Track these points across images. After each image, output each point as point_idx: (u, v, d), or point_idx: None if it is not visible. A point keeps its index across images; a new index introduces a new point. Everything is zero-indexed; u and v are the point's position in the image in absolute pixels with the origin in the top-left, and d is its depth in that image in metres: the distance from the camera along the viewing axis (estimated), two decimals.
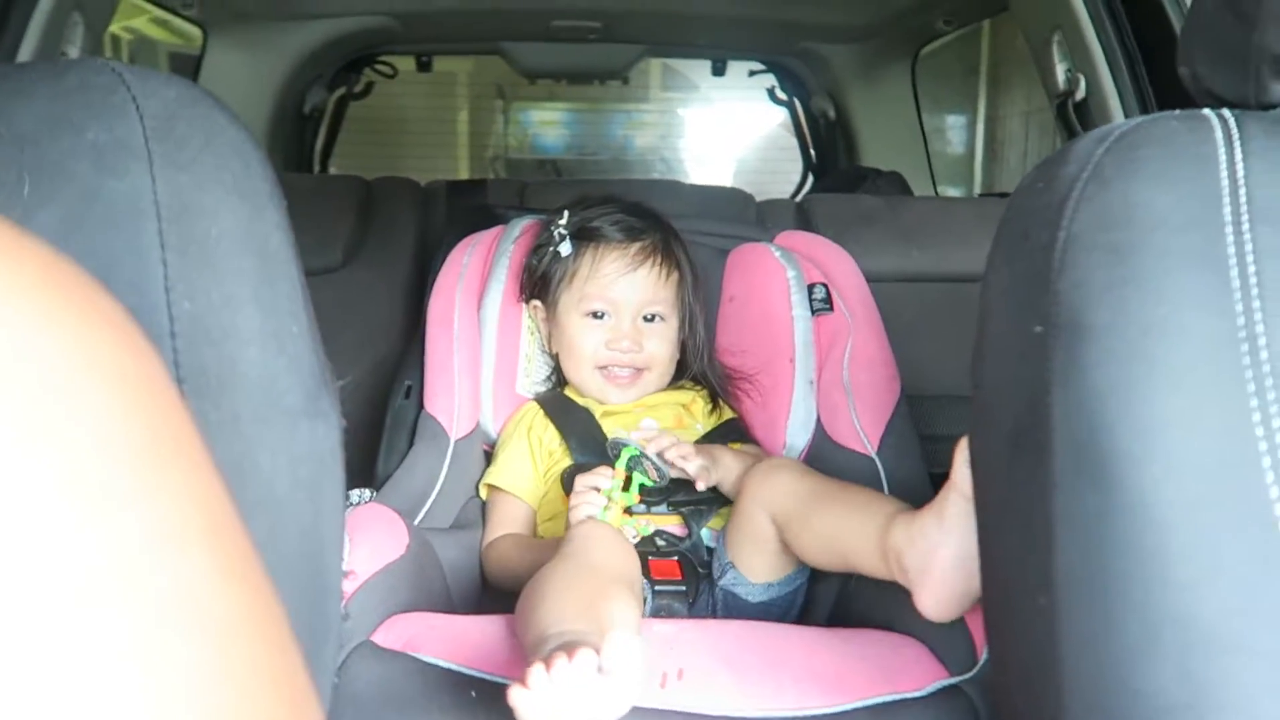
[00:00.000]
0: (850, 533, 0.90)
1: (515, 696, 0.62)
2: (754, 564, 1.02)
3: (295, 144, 2.70)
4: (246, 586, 0.27)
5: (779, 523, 0.98)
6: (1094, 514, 0.47)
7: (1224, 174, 0.51)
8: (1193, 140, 0.52)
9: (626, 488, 1.08)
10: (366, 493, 1.03)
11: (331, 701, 0.74)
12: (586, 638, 0.63)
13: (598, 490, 1.07)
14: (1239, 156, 0.51)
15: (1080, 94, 1.64)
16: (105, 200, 0.42)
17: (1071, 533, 0.48)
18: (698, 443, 1.22)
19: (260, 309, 0.45)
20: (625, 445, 1.09)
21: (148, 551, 0.23)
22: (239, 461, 0.42)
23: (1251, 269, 0.48)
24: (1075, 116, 1.59)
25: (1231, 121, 0.53)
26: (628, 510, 1.09)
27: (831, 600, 1.07)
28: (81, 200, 0.42)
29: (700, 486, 1.10)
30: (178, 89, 0.46)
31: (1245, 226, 0.49)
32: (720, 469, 1.12)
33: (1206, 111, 0.54)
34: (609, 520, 1.05)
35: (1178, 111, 0.55)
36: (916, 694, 0.82)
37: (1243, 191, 0.50)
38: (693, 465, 1.09)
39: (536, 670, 0.62)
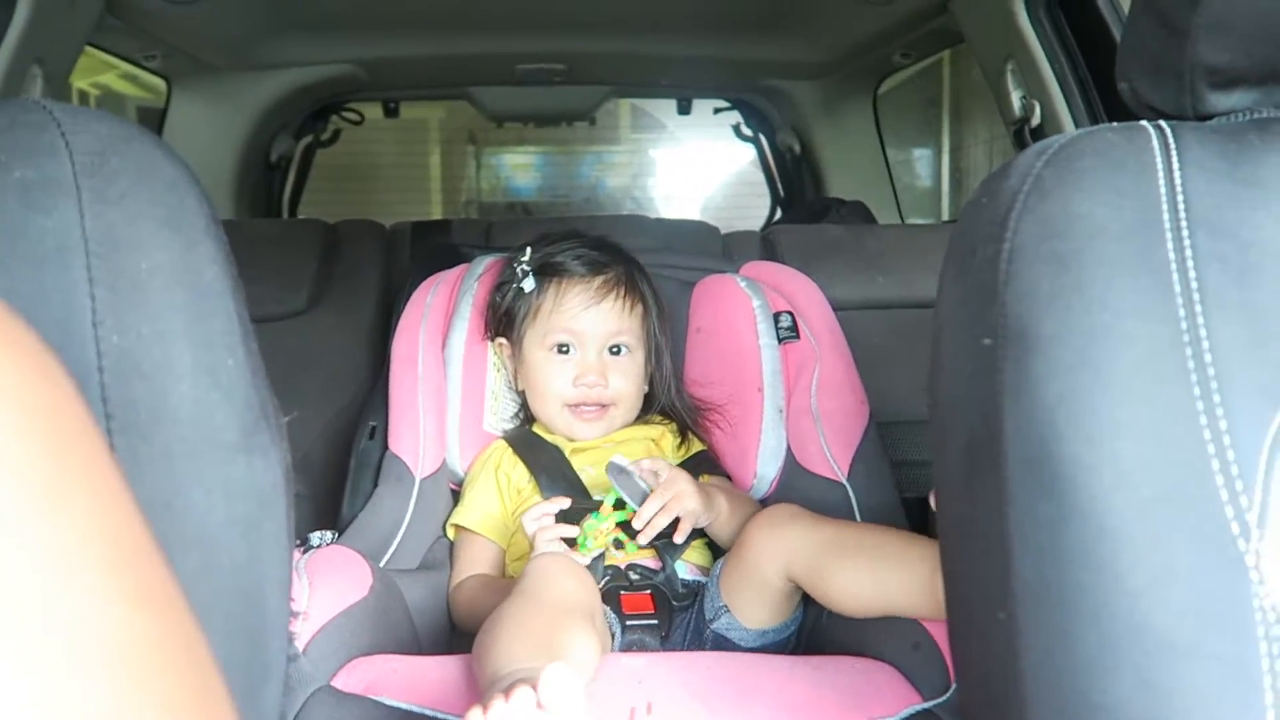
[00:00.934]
0: (896, 587, 0.88)
1: None
2: (753, 612, 1.01)
3: (263, 193, 2.70)
4: (155, 616, 0.26)
5: (797, 576, 0.96)
6: (1048, 524, 0.47)
7: (1162, 183, 0.51)
8: (1131, 151, 0.52)
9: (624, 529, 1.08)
10: (329, 534, 1.01)
11: None
12: (534, 675, 0.62)
13: (557, 522, 1.08)
14: (1176, 165, 0.52)
15: (1036, 119, 1.67)
16: (31, 237, 0.41)
17: (1027, 544, 0.48)
18: None
19: (193, 343, 0.44)
20: (623, 475, 1.08)
21: (39, 574, 0.22)
22: (170, 497, 0.41)
23: (1192, 274, 0.48)
24: (1032, 141, 1.61)
25: (1169, 132, 0.54)
26: (619, 544, 1.08)
27: (805, 626, 1.06)
28: (6, 237, 0.41)
29: (679, 539, 1.08)
30: (109, 125, 0.46)
31: (1185, 233, 0.49)
32: (713, 511, 1.11)
33: (1144, 123, 0.55)
34: (591, 546, 1.05)
35: (1115, 124, 0.55)
36: (891, 719, 0.80)
37: (1180, 199, 0.50)
38: (689, 524, 1.08)
39: (474, 714, 0.61)
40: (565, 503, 1.11)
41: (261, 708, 0.46)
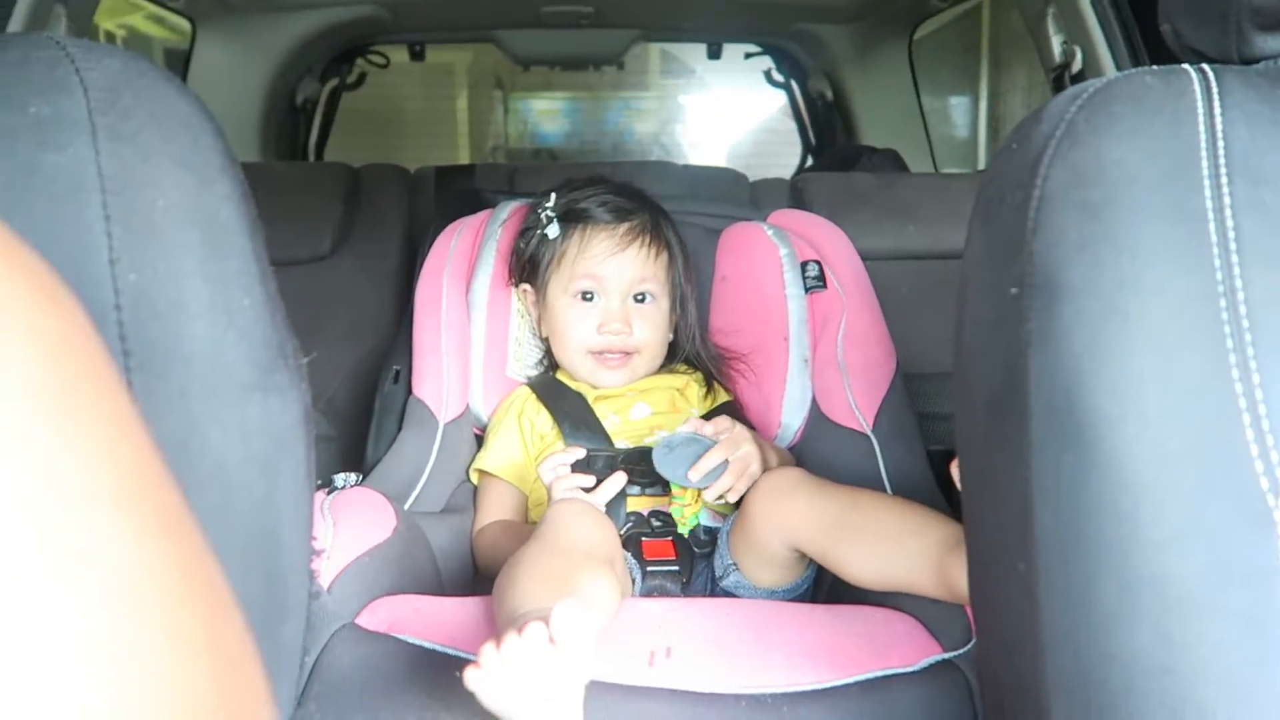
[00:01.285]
0: (903, 565, 0.86)
1: (470, 678, 0.61)
2: (761, 574, 1.01)
3: (288, 136, 2.69)
4: (168, 548, 0.26)
5: (802, 549, 0.95)
6: (1070, 476, 0.46)
7: (1202, 128, 0.49)
8: (1169, 95, 0.51)
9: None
10: (353, 476, 1.02)
11: (313, 682, 0.74)
12: (549, 613, 0.63)
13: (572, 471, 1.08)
14: (1217, 110, 0.50)
15: (1076, 65, 1.62)
16: (46, 174, 0.41)
17: (1048, 497, 0.47)
18: None
19: (208, 282, 0.44)
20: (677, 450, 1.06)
21: (47, 501, 0.23)
22: (186, 436, 0.42)
23: (1229, 223, 0.47)
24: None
25: (1211, 76, 0.52)
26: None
27: (827, 577, 1.06)
28: (21, 175, 0.41)
29: (733, 498, 1.05)
30: (123, 61, 0.45)
31: (1223, 180, 0.48)
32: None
33: (1185, 66, 0.53)
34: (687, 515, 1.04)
35: (1154, 68, 0.53)
36: (909, 669, 0.81)
37: (1220, 145, 0.49)
38: (745, 485, 1.04)
39: (487, 649, 0.62)
40: (580, 453, 1.11)
41: (281, 644, 0.47)
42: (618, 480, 1.07)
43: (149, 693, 0.24)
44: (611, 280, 1.21)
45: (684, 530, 1.05)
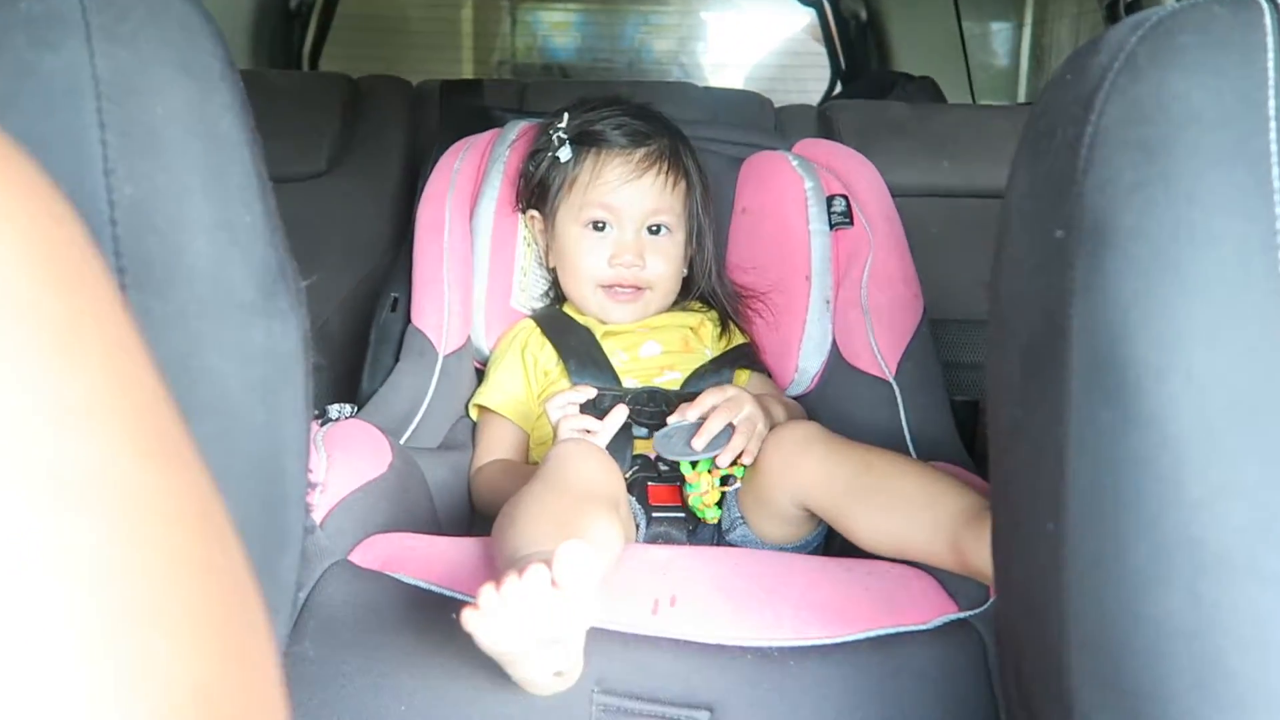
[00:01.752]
0: (916, 535, 0.86)
1: (468, 619, 0.62)
2: (769, 529, 1.02)
3: (281, 43, 2.66)
4: (170, 471, 0.27)
5: (813, 509, 0.95)
6: (1108, 431, 0.46)
7: (1270, 65, 0.49)
8: (1238, 27, 0.50)
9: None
10: (347, 408, 1.03)
11: (304, 618, 0.75)
12: (551, 556, 0.64)
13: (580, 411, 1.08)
14: None
15: None
16: (40, 76, 0.41)
17: (1084, 452, 0.48)
18: (705, 368, 1.22)
19: (209, 197, 0.44)
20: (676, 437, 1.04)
21: (45, 419, 0.23)
22: (186, 359, 0.42)
23: None
24: (1126, 17, 1.55)
25: None
26: (726, 481, 1.05)
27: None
28: (15, 76, 0.41)
29: (748, 460, 1.03)
30: None
31: None
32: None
33: None
34: (706, 504, 1.03)
35: None
36: (921, 627, 0.82)
37: None
38: (756, 445, 1.02)
39: (486, 590, 0.62)
40: (591, 392, 1.12)
41: (278, 576, 0.48)
42: (619, 414, 1.07)
43: (151, 617, 0.25)
44: (625, 210, 1.21)
45: (710, 518, 1.04)
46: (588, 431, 1.07)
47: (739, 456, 1.03)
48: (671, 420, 1.06)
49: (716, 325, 1.31)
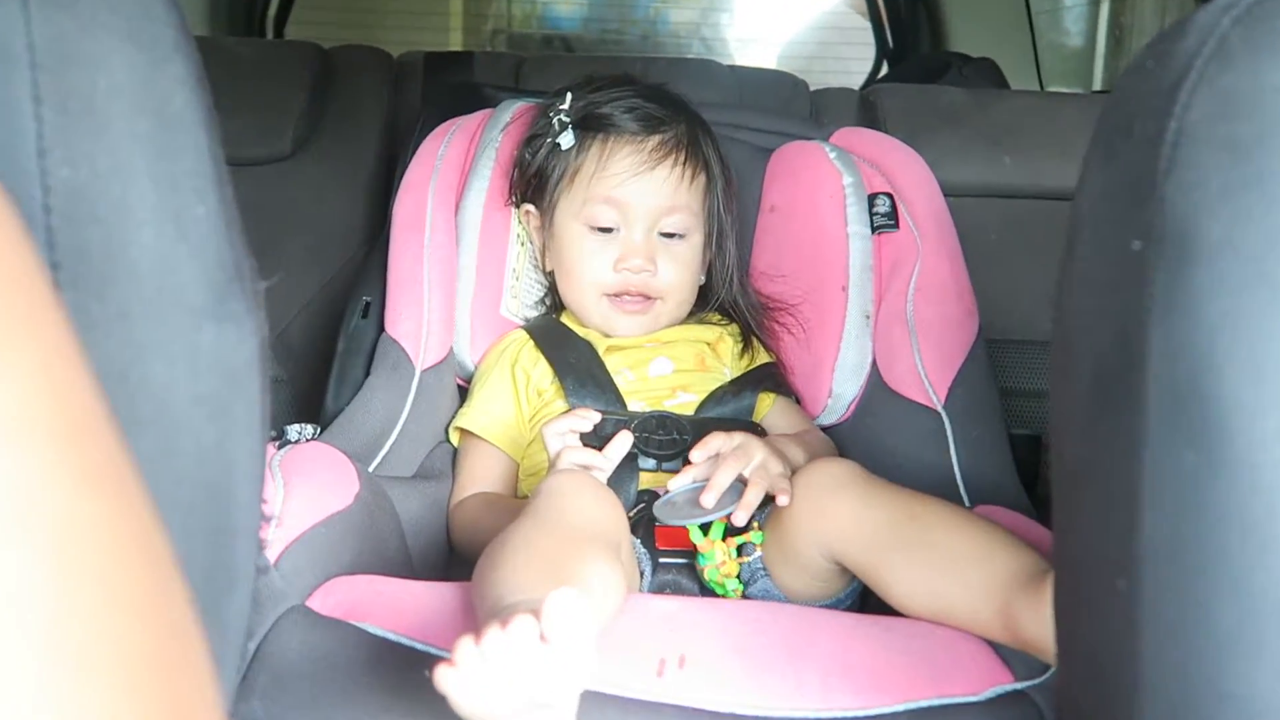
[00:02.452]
0: (960, 598, 0.85)
1: (443, 678, 0.62)
2: (794, 583, 1.01)
3: (243, 7, 2.68)
4: (107, 497, 0.27)
5: (845, 563, 0.95)
6: (1190, 477, 0.46)
7: None
8: None
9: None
10: (309, 429, 1.04)
11: (254, 672, 0.75)
12: (540, 605, 0.63)
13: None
14: None
15: None
16: None
17: (1161, 500, 0.48)
18: (724, 390, 1.22)
19: (158, 183, 0.45)
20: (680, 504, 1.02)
21: None
22: (126, 367, 0.43)
23: None
24: None
25: None
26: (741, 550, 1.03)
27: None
28: None
29: (740, 519, 1.00)
30: None
31: None
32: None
33: None
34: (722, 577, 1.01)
35: None
36: (971, 699, 0.82)
37: None
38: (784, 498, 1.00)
39: (465, 644, 0.62)
40: (595, 418, 1.11)
41: (224, 619, 0.48)
42: (622, 442, 1.07)
43: (81, 664, 0.25)
44: (635, 206, 1.22)
45: (730, 592, 1.03)
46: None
47: (766, 509, 1.02)
48: (673, 484, 1.04)
49: (738, 341, 1.31)
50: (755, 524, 1.02)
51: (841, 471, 0.97)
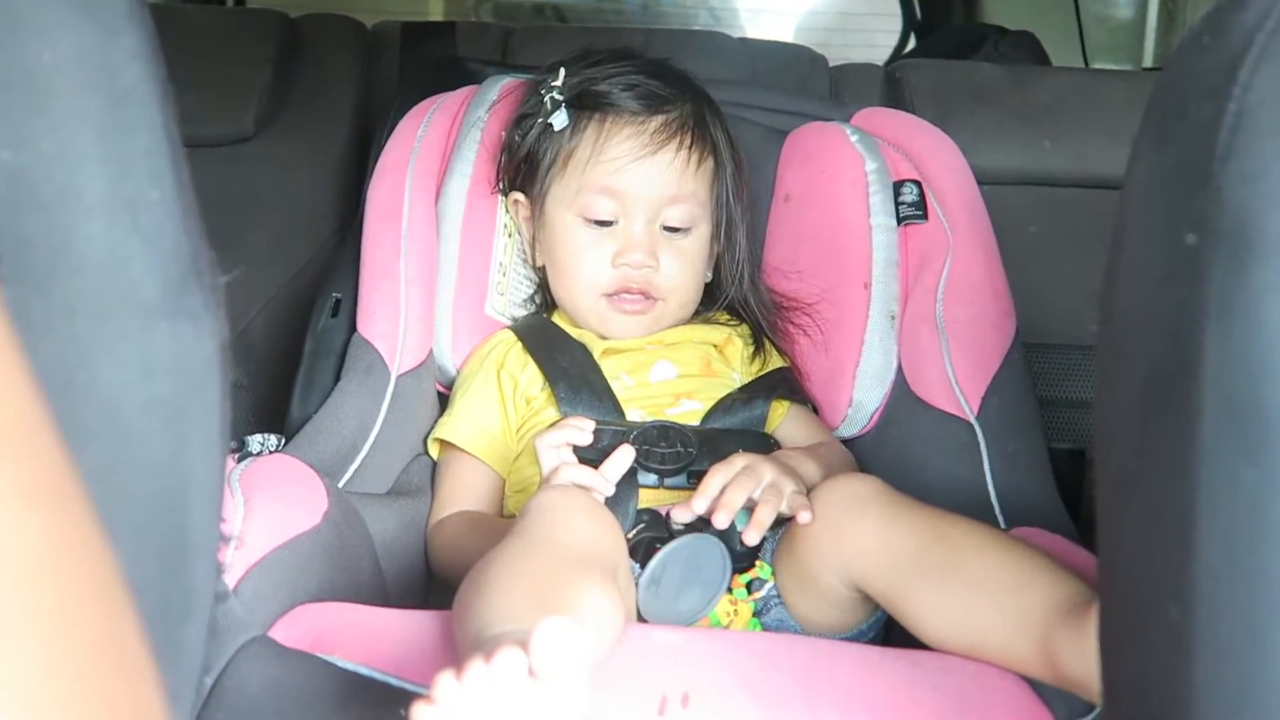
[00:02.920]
0: (995, 630, 0.85)
1: (419, 716, 0.62)
2: (811, 612, 1.01)
3: None
4: (48, 514, 0.27)
5: (867, 590, 0.94)
6: (1249, 494, 0.47)
7: None
8: None
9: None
10: (272, 439, 1.04)
11: (211, 709, 0.75)
12: (528, 637, 0.63)
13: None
14: None
15: None
16: None
17: (1217, 519, 0.48)
18: (733, 397, 1.22)
19: (108, 166, 0.45)
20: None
21: None
22: (72, 370, 0.43)
23: None
24: None
25: None
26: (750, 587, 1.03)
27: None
28: None
29: (752, 539, 1.00)
30: None
31: None
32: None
33: None
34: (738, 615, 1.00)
35: None
36: None
37: None
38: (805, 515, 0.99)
39: (444, 679, 0.62)
40: (591, 426, 1.10)
41: (180, 654, 0.48)
42: (623, 456, 1.06)
43: (19, 698, 0.25)
44: (635, 195, 1.22)
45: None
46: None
47: (778, 532, 1.02)
48: (670, 548, 1.00)
49: (748, 343, 1.31)
50: (759, 561, 1.03)
51: (863, 489, 0.97)
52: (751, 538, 0.99)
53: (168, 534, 0.47)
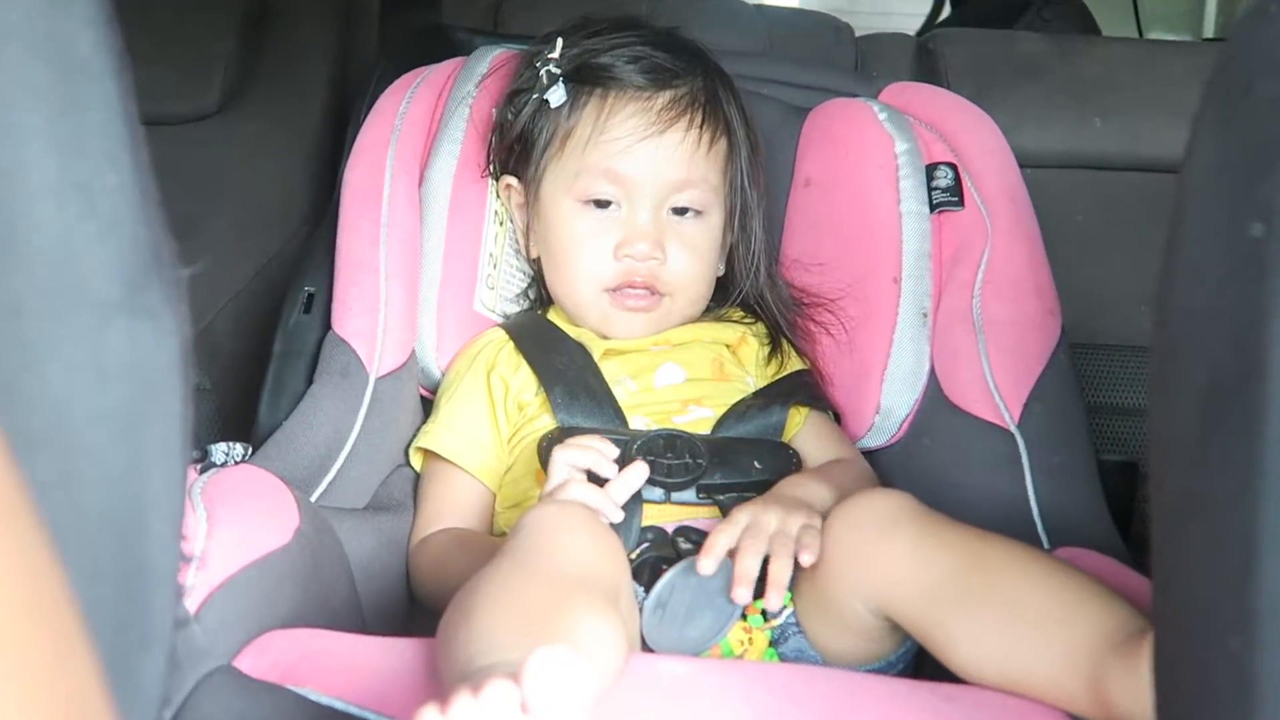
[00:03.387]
0: (1039, 664, 0.84)
1: None
2: (834, 643, 1.01)
3: None
4: None
5: (899, 618, 0.94)
6: None
7: None
8: None
9: None
10: (238, 448, 1.04)
11: None
12: (520, 667, 0.63)
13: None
14: None
15: None
16: None
17: None
18: (747, 403, 1.22)
19: (58, 147, 0.45)
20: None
21: None
22: (17, 374, 0.42)
23: None
24: None
25: None
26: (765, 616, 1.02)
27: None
28: None
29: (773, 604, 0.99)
30: None
31: None
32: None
33: None
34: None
35: None
36: None
37: None
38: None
39: (427, 715, 0.62)
40: (614, 452, 1.07)
41: (137, 685, 0.48)
42: (635, 474, 1.05)
43: None
44: (640, 179, 1.22)
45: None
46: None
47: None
48: (670, 574, 1.01)
49: (764, 343, 1.31)
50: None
51: (892, 506, 0.97)
52: (773, 602, 0.98)
53: (123, 554, 0.47)
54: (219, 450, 1.05)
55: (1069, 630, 0.84)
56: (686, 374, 1.24)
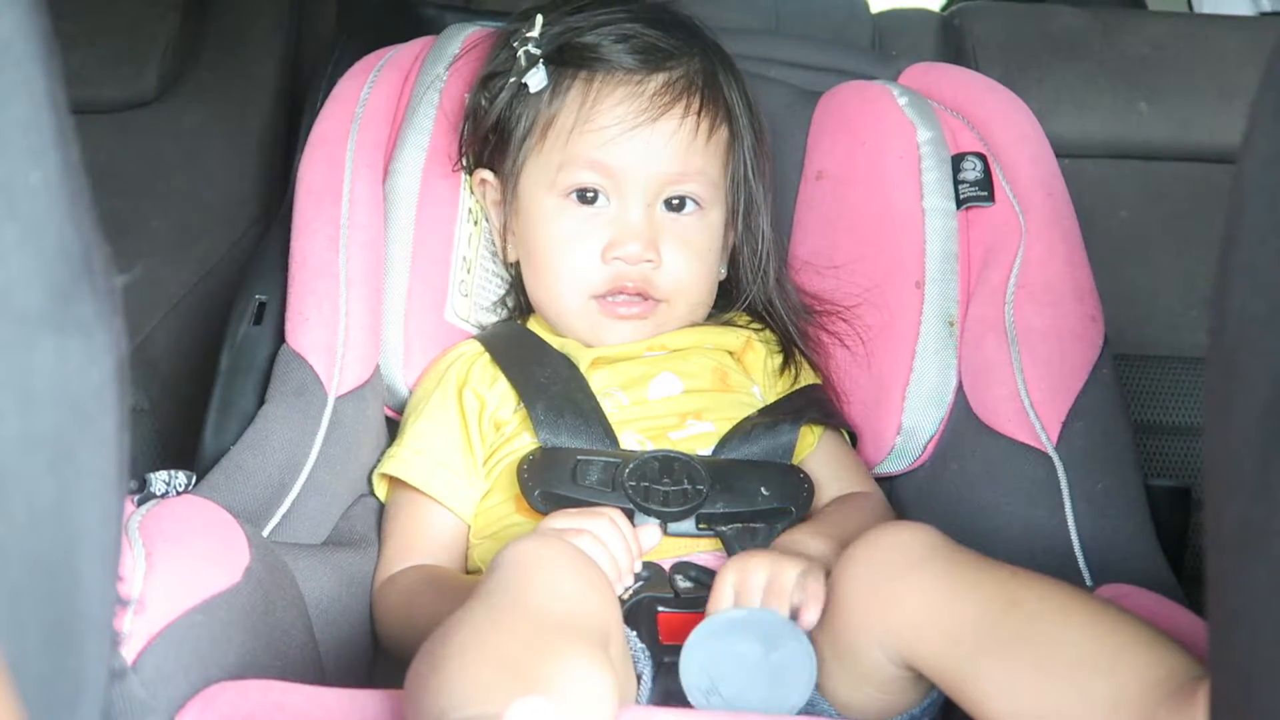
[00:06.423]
0: (1076, 716, 0.84)
1: None
2: (852, 695, 1.01)
3: None
4: None
5: (923, 667, 0.94)
6: None
7: None
8: None
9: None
10: (181, 476, 1.03)
11: None
12: None
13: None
14: None
15: None
16: None
17: None
18: (753, 421, 1.22)
19: None
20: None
21: None
22: None
23: None
24: None
25: None
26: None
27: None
28: None
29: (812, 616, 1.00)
30: None
31: None
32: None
33: None
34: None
35: None
36: None
37: None
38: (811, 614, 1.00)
39: None
40: (655, 536, 1.07)
41: None
42: (648, 536, 1.05)
43: None
44: (631, 173, 1.22)
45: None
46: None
47: None
48: (706, 628, 1.00)
49: (774, 353, 1.31)
50: None
51: (914, 541, 0.97)
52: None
53: (51, 600, 0.46)
54: (159, 479, 1.05)
55: (1113, 680, 0.84)
56: (684, 384, 1.24)
